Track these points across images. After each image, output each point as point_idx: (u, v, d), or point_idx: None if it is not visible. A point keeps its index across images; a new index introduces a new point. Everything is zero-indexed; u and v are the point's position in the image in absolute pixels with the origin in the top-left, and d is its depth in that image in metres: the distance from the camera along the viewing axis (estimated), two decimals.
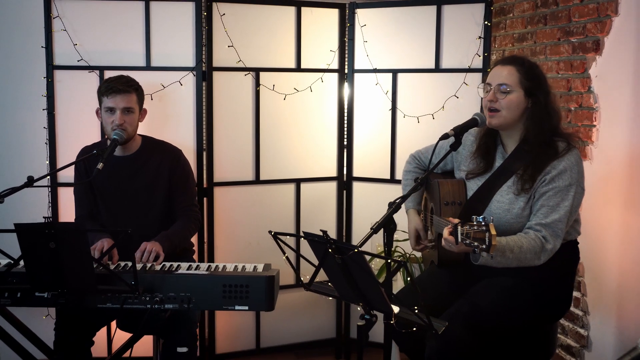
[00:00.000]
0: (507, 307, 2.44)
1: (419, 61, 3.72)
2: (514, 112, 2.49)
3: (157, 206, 3.10)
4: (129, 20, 3.51)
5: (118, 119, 2.91)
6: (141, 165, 3.07)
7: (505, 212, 2.47)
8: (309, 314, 3.99)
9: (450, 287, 2.63)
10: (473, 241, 2.03)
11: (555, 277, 2.52)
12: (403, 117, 3.77)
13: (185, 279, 2.54)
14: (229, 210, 3.73)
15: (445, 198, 2.60)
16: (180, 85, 3.55)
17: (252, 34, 3.67)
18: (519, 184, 2.47)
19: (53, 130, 3.50)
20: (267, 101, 3.75)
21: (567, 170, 2.41)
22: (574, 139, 2.54)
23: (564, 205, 2.39)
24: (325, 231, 1.91)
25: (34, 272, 2.35)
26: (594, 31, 3.21)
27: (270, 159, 3.79)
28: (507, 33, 4.00)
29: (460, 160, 2.72)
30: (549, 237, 2.37)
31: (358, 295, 2.01)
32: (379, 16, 3.78)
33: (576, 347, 3.38)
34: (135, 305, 2.51)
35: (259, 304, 2.55)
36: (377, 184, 3.85)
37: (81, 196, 3.15)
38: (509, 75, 2.49)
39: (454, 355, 2.37)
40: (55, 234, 2.24)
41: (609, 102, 3.15)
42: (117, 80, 2.99)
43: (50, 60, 3.46)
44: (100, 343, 3.39)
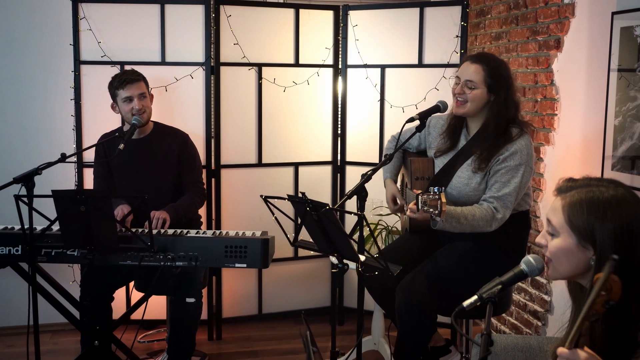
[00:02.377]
0: (464, 267, 2.86)
1: (404, 57, 4.15)
2: (478, 104, 2.90)
3: (167, 182, 3.54)
4: (146, 21, 3.97)
5: (137, 104, 3.36)
6: (154, 147, 3.53)
7: (464, 186, 2.89)
8: (306, 284, 4.44)
9: (420, 251, 3.05)
10: (429, 208, 2.45)
11: (508, 241, 2.93)
12: (390, 107, 4.20)
13: (193, 240, 2.99)
14: (234, 189, 4.18)
15: (416, 173, 3.03)
16: (191, 78, 4.00)
17: (255, 33, 4.12)
18: (477, 163, 2.88)
19: (79, 118, 3.96)
20: (269, 93, 4.19)
21: (517, 152, 2.82)
22: (528, 126, 2.95)
23: (514, 181, 2.80)
24: (304, 193, 2.36)
25: (67, 232, 2.81)
26: (556, 31, 3.61)
27: (271, 145, 4.24)
28: (486, 32, 4.41)
29: (430, 141, 3.14)
30: (500, 208, 2.78)
31: (332, 247, 2.46)
32: (369, 17, 4.21)
33: (541, 311, 3.79)
34: (151, 262, 2.97)
35: (255, 262, 2.98)
36: (368, 167, 4.23)
37: (100, 175, 3.59)
38: (475, 73, 2.89)
39: (418, 305, 2.80)
40: (85, 199, 2.69)
41: (567, 93, 3.56)
42: (125, 73, 3.45)
43: (77, 56, 3.92)
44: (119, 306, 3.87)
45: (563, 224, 1.62)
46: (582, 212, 1.59)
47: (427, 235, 3.05)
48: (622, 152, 3.07)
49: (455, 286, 2.82)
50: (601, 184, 1.63)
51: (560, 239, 1.64)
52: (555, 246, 1.65)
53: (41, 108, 4.13)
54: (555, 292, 3.67)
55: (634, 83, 2.98)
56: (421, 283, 2.79)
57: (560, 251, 1.63)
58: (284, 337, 4.22)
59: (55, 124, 4.11)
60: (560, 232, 1.63)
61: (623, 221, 1.54)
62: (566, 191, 1.66)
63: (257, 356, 3.96)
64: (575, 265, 1.62)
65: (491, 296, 1.64)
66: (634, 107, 2.99)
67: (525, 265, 1.69)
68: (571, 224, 1.61)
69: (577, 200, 1.61)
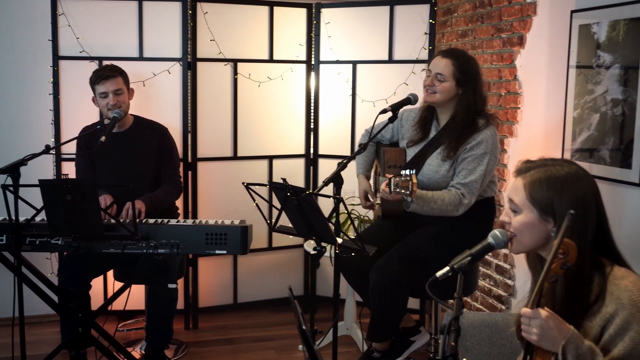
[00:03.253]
0: (434, 248, 3.02)
1: (375, 53, 4.31)
2: (446, 96, 3.07)
3: (146, 174, 3.64)
4: (124, 17, 4.06)
5: (112, 100, 3.46)
6: (134, 140, 3.62)
7: (434, 173, 3.06)
8: (281, 274, 4.57)
9: (392, 235, 3.21)
10: (401, 189, 2.61)
11: (475, 225, 3.10)
12: (361, 102, 4.36)
13: (175, 228, 3.10)
14: (211, 182, 4.29)
15: (389, 162, 3.18)
16: (168, 73, 4.10)
17: (231, 29, 4.24)
18: (446, 151, 3.05)
19: (58, 112, 4.03)
20: (244, 88, 4.32)
21: (483, 142, 2.99)
22: (494, 118, 3.13)
23: (480, 169, 2.98)
24: (284, 179, 2.49)
25: (53, 221, 2.89)
26: (519, 28, 3.81)
27: (246, 138, 4.36)
28: (453, 30, 4.60)
29: (403, 132, 3.30)
30: (466, 194, 2.96)
31: (311, 231, 2.60)
32: (341, 15, 4.36)
33: (505, 295, 3.99)
34: (134, 250, 3.07)
35: (235, 249, 3.10)
36: (340, 160, 4.41)
37: (82, 167, 3.68)
38: (445, 67, 3.07)
39: (391, 286, 2.96)
40: (71, 188, 2.79)
41: (529, 87, 3.76)
42: (103, 69, 3.54)
43: (55, 51, 3.99)
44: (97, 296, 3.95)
45: (525, 201, 1.79)
46: (542, 189, 1.76)
47: (399, 221, 3.21)
48: (580, 142, 3.26)
49: (426, 267, 2.96)
50: (556, 163, 1.80)
51: (523, 214, 1.80)
52: (518, 221, 1.81)
53: (20, 103, 4.18)
54: (519, 276, 3.87)
55: (591, 77, 3.18)
56: (394, 264, 2.94)
57: (524, 225, 1.80)
58: (259, 325, 4.34)
59: (33, 118, 4.17)
60: (523, 209, 1.80)
61: (578, 194, 1.71)
62: (525, 171, 1.82)
63: (233, 343, 4.08)
64: (537, 237, 1.79)
65: (462, 266, 1.79)
66: (591, 99, 3.19)
67: (492, 239, 1.85)
68: (532, 200, 1.77)
69: (536, 178, 1.78)
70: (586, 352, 1.59)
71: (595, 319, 1.69)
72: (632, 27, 2.92)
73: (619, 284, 1.68)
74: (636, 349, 1.62)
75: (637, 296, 1.64)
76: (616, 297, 1.66)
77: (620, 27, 2.99)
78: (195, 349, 3.97)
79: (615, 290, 1.67)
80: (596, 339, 1.68)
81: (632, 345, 1.62)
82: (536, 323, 1.61)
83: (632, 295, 1.64)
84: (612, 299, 1.67)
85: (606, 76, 3.09)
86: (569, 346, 1.59)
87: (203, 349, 3.98)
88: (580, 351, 1.58)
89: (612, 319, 1.65)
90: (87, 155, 3.59)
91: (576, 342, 1.59)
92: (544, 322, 1.60)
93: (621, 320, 1.64)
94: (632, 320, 1.62)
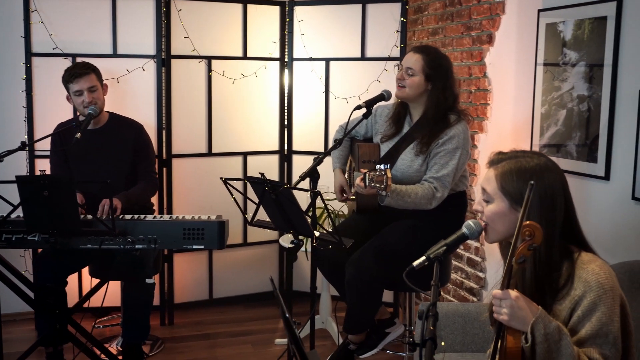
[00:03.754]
0: (408, 241, 3.09)
1: (347, 51, 4.38)
2: (415, 91, 3.14)
3: (122, 171, 3.65)
4: (98, 14, 4.06)
5: (87, 97, 3.46)
6: (109, 137, 3.63)
7: (407, 168, 3.13)
8: (255, 269, 4.61)
9: (367, 229, 3.27)
10: (376, 183, 2.66)
11: (447, 218, 3.18)
12: (335, 98, 4.42)
13: (152, 224, 3.13)
14: (185, 178, 4.31)
15: (363, 157, 3.24)
16: (143, 70, 4.12)
17: (205, 27, 4.26)
18: (419, 146, 3.12)
19: (31, 109, 4.02)
20: (218, 85, 4.35)
21: (455, 137, 3.07)
22: (465, 114, 3.21)
23: (452, 163, 3.06)
24: (262, 173, 2.54)
25: (30, 217, 2.90)
26: (488, 27, 3.90)
27: (220, 135, 4.40)
28: (424, 28, 4.68)
29: (377, 128, 3.36)
30: (439, 187, 3.03)
31: (288, 225, 2.65)
32: (314, 12, 4.42)
33: (476, 287, 4.09)
34: (111, 246, 3.08)
35: (213, 243, 3.14)
36: (313, 156, 4.46)
37: (57, 164, 3.67)
38: (415, 62, 3.14)
39: (366, 278, 3.02)
40: (49, 184, 2.79)
41: (499, 84, 3.86)
42: (75, 67, 3.55)
43: (28, 48, 3.98)
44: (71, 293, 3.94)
45: (496, 191, 1.87)
46: (512, 179, 1.84)
47: (374, 215, 3.28)
48: (548, 137, 3.37)
49: (400, 259, 3.03)
50: (526, 154, 1.88)
51: (494, 204, 1.88)
52: (490, 210, 1.89)
53: None
54: (490, 269, 3.97)
55: (558, 74, 3.29)
56: (369, 257, 3.01)
57: (495, 214, 1.87)
58: (234, 321, 4.38)
59: (6, 115, 4.15)
60: (495, 198, 1.88)
61: (546, 185, 1.80)
62: (497, 162, 1.90)
63: (209, 338, 4.11)
64: (509, 225, 1.86)
65: (437, 256, 1.86)
66: (558, 96, 3.29)
67: (466, 229, 1.92)
68: (503, 190, 1.85)
69: (507, 169, 1.86)
70: (554, 331, 1.67)
71: (565, 302, 1.78)
72: (596, 25, 3.02)
73: (586, 268, 1.76)
74: (602, 329, 1.71)
75: (603, 279, 1.73)
76: (584, 280, 1.74)
77: (586, 25, 3.10)
78: (171, 345, 3.99)
79: (583, 273, 1.76)
80: (565, 321, 1.77)
81: (598, 326, 1.71)
82: (506, 304, 1.69)
83: (599, 277, 1.73)
84: (580, 282, 1.75)
85: (572, 73, 3.20)
86: (538, 325, 1.66)
87: (180, 344, 4.01)
88: (548, 330, 1.66)
89: (580, 300, 1.74)
90: (62, 153, 3.59)
91: (544, 321, 1.67)
92: (514, 302, 1.68)
93: (589, 302, 1.72)
94: (598, 301, 1.71)
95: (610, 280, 1.75)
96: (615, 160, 2.95)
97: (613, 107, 2.93)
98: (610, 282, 1.74)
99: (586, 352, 1.71)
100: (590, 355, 1.71)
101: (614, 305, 1.73)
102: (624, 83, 2.88)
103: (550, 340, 1.66)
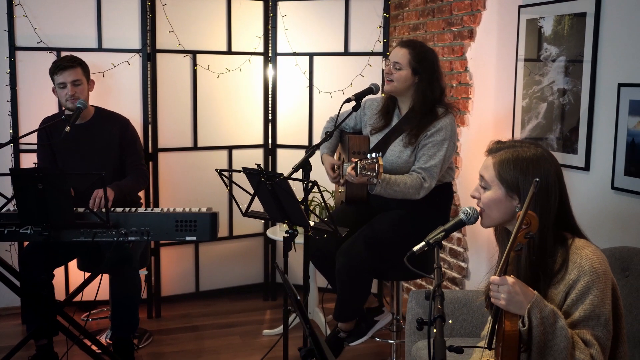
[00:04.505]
0: (397, 231, 3.17)
1: (331, 46, 4.44)
2: (403, 84, 3.22)
3: (109, 165, 3.66)
4: (83, 7, 4.06)
5: (70, 90, 3.47)
6: (96, 131, 3.64)
7: (396, 159, 3.21)
8: (241, 262, 4.66)
9: (356, 219, 3.34)
10: (368, 171, 2.73)
11: (434, 209, 3.27)
12: (318, 93, 4.49)
13: (145, 216, 3.16)
14: (172, 172, 4.34)
15: (353, 148, 3.32)
16: (128, 64, 4.13)
17: (190, 21, 4.29)
18: (407, 138, 3.20)
19: (15, 103, 4.01)
20: (203, 79, 4.38)
21: (442, 129, 3.16)
22: (452, 107, 3.30)
23: (439, 154, 3.15)
24: (259, 164, 2.59)
25: (24, 210, 2.91)
26: (469, 22, 4.00)
27: (206, 129, 4.43)
28: (405, 23, 4.77)
29: (366, 120, 3.44)
30: (427, 178, 3.12)
31: (283, 215, 2.71)
32: (297, 8, 4.47)
33: (459, 277, 4.19)
34: (104, 238, 3.10)
35: (205, 235, 3.18)
36: (298, 149, 4.54)
37: (44, 159, 3.67)
38: (402, 56, 3.22)
39: (357, 267, 3.10)
40: (42, 177, 2.81)
41: (480, 79, 3.96)
42: (62, 59, 3.55)
43: (12, 42, 3.96)
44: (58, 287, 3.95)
45: (494, 178, 1.95)
46: (510, 168, 1.92)
47: (362, 205, 3.35)
48: (529, 129, 3.48)
49: (390, 248, 3.13)
50: (524, 144, 1.97)
51: (491, 191, 1.96)
52: (487, 197, 1.97)
53: None
54: (472, 259, 4.07)
55: (538, 69, 3.40)
56: (359, 246, 3.08)
57: (492, 201, 1.96)
58: (221, 313, 4.43)
59: None
60: (492, 185, 1.96)
61: (542, 174, 1.88)
62: (496, 151, 1.98)
63: (197, 330, 4.15)
64: (504, 212, 1.95)
65: (437, 241, 1.94)
66: (539, 89, 3.40)
67: (463, 215, 2.00)
68: (500, 177, 1.94)
69: (505, 158, 1.94)
70: (549, 315, 1.76)
71: (560, 286, 1.87)
72: (576, 21, 3.13)
73: (580, 253, 1.86)
74: (594, 311, 1.80)
75: (596, 263, 1.82)
76: (578, 264, 1.83)
77: (565, 21, 3.21)
78: (159, 337, 4.03)
79: (577, 258, 1.85)
80: (560, 305, 1.86)
81: (591, 308, 1.80)
82: (504, 289, 1.77)
83: (593, 262, 1.82)
84: (574, 266, 1.84)
85: (552, 68, 3.31)
86: (534, 309, 1.75)
87: (168, 336, 4.04)
88: (543, 313, 1.75)
89: (574, 284, 1.83)
90: (49, 147, 3.59)
91: (540, 306, 1.76)
92: (511, 288, 1.76)
93: (582, 285, 1.81)
94: (592, 285, 1.81)
95: (602, 265, 1.84)
96: (594, 151, 3.06)
97: (592, 100, 3.05)
98: (602, 267, 1.84)
99: (579, 333, 1.80)
100: (583, 337, 1.80)
101: (606, 289, 1.82)
102: (603, 77, 2.99)
103: (546, 323, 1.75)
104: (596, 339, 1.80)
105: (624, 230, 2.89)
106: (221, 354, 3.80)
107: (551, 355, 1.75)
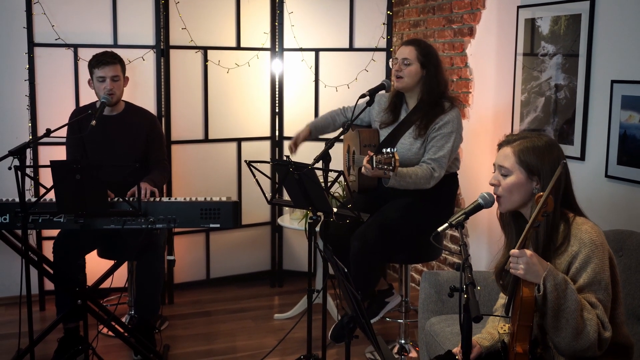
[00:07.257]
0: (407, 217, 3.39)
1: (336, 42, 4.65)
2: (413, 79, 3.44)
3: (135, 158, 3.82)
4: (99, 5, 4.22)
5: (108, 85, 3.64)
6: (125, 124, 3.81)
7: (407, 151, 3.42)
8: (249, 250, 4.86)
9: (368, 207, 3.56)
10: (384, 165, 2.94)
11: (441, 197, 3.50)
12: (324, 87, 4.69)
13: (171, 205, 3.33)
14: (184, 163, 4.52)
15: (364, 142, 3.53)
16: (142, 60, 4.30)
17: (201, 18, 4.47)
18: (416, 131, 3.42)
19: (34, 98, 4.16)
20: (214, 74, 4.56)
21: (449, 122, 3.38)
22: (457, 101, 3.52)
23: (447, 146, 3.37)
24: (288, 156, 2.79)
25: (62, 199, 3.07)
26: (469, 20, 4.22)
27: (216, 122, 4.62)
28: (405, 20, 4.98)
29: (374, 115, 3.65)
30: (436, 168, 3.34)
31: (308, 202, 2.92)
32: (303, 5, 4.66)
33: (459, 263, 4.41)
34: (134, 226, 3.28)
35: (228, 222, 3.35)
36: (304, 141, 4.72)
37: (73, 148, 3.81)
38: (410, 52, 3.43)
39: (370, 251, 3.31)
40: (81, 168, 2.98)
41: (480, 74, 4.19)
42: (104, 54, 3.71)
43: (30, 38, 4.11)
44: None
45: (514, 164, 2.20)
46: (529, 154, 2.19)
47: (373, 194, 3.57)
48: (528, 122, 3.72)
49: (400, 233, 3.36)
50: (533, 134, 2.27)
51: (513, 176, 2.21)
52: (509, 182, 2.22)
53: None
54: (472, 245, 4.31)
55: (537, 65, 3.63)
56: (373, 231, 3.30)
57: (514, 185, 2.21)
58: (231, 299, 4.62)
59: (9, 103, 4.28)
60: (513, 171, 2.21)
61: (554, 158, 2.16)
62: (512, 142, 2.24)
63: (210, 315, 4.34)
64: (524, 194, 2.21)
65: (459, 222, 2.18)
66: (537, 85, 3.64)
67: (481, 200, 2.25)
68: (521, 162, 2.19)
69: (524, 146, 2.21)
70: (561, 282, 2.03)
71: (563, 256, 2.15)
72: (572, 22, 3.37)
73: (580, 228, 2.14)
74: (596, 277, 2.09)
75: (595, 237, 2.11)
76: (579, 238, 2.12)
77: (562, 21, 3.45)
78: (174, 322, 4.21)
79: (578, 233, 2.13)
80: (564, 273, 2.13)
81: (593, 275, 2.09)
82: (523, 260, 2.04)
83: (592, 236, 2.11)
84: (575, 240, 2.13)
85: (550, 64, 3.55)
86: (549, 277, 2.02)
87: (182, 321, 4.23)
88: (556, 281, 2.02)
89: (576, 255, 2.12)
90: (79, 138, 3.73)
91: (553, 274, 2.03)
92: (529, 259, 2.03)
93: (584, 256, 2.10)
94: (592, 255, 2.09)
95: (600, 238, 2.13)
96: (589, 142, 3.31)
97: (587, 95, 3.29)
98: (600, 239, 2.12)
99: (585, 297, 2.09)
100: (589, 299, 2.09)
101: (604, 258, 2.11)
102: (597, 73, 3.24)
103: (558, 289, 2.01)
104: (599, 301, 2.09)
105: (617, 214, 3.14)
106: (236, 336, 4.00)
107: (564, 317, 2.03)
